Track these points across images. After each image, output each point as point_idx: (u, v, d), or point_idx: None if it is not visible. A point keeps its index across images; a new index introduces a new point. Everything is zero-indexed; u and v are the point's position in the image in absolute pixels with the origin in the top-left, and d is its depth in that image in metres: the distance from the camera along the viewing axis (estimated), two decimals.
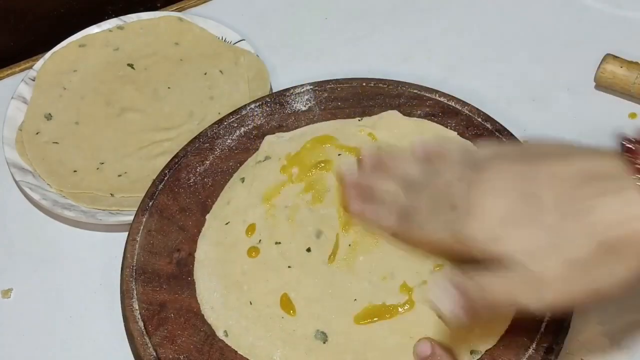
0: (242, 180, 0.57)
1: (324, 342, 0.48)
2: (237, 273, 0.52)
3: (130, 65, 0.72)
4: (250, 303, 0.50)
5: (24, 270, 0.59)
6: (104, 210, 0.60)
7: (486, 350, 0.46)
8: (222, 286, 0.51)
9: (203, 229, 0.54)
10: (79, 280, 0.58)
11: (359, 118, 0.61)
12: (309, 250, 0.52)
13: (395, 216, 0.45)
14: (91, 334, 0.55)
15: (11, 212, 0.63)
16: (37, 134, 0.66)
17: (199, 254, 0.53)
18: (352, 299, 0.50)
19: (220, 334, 0.49)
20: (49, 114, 0.68)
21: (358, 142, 0.58)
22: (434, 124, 0.60)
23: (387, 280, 0.50)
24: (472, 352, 0.46)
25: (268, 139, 0.59)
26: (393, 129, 0.60)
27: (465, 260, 0.42)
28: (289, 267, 0.51)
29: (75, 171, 0.63)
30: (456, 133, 0.59)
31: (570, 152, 0.41)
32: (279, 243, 0.53)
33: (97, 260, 0.59)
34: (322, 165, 0.57)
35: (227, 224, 0.54)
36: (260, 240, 0.53)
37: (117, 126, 0.67)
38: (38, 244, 0.61)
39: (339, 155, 0.58)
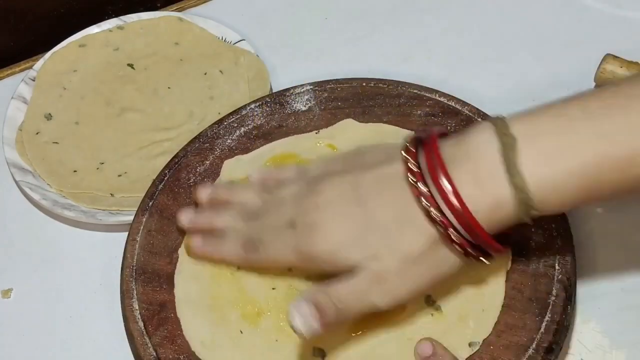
0: None
1: (323, 359, 0.47)
2: (222, 305, 0.50)
3: (130, 65, 0.72)
4: (241, 332, 0.49)
5: (24, 270, 0.59)
6: (104, 210, 0.60)
7: (486, 351, 0.46)
8: (208, 321, 0.49)
9: (177, 264, 0.53)
10: (79, 280, 0.58)
11: (316, 131, 0.60)
12: (290, 269, 0.51)
13: (240, 247, 0.47)
14: (91, 334, 0.55)
15: (11, 212, 0.63)
16: (37, 134, 0.66)
17: (178, 293, 0.51)
18: None
19: None
20: (49, 114, 0.68)
21: (319, 155, 0.58)
22: (391, 126, 0.60)
23: None
24: (470, 345, 0.46)
25: (228, 163, 0.58)
26: (350, 136, 0.59)
27: (319, 276, 0.45)
28: (273, 288, 0.50)
29: (75, 171, 0.63)
30: (413, 132, 0.59)
31: (388, 154, 0.44)
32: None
33: (97, 260, 0.59)
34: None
35: None
36: (238, 267, 0.51)
37: (117, 126, 0.67)
38: (38, 244, 0.61)
39: None
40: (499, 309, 0.48)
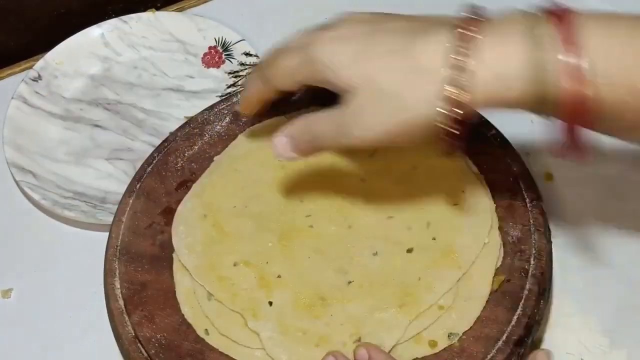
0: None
1: None
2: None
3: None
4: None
5: (24, 270, 0.59)
6: (104, 210, 0.60)
7: (456, 343, 0.46)
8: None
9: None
10: (79, 280, 0.58)
11: None
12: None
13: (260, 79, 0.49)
14: (91, 334, 0.55)
15: (11, 212, 0.63)
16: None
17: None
18: None
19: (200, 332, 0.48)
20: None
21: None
22: None
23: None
24: (449, 335, 0.46)
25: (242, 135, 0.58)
26: None
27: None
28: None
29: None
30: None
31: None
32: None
33: (97, 260, 0.58)
34: None
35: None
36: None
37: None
38: (38, 244, 0.61)
39: None
40: (482, 303, 0.47)
